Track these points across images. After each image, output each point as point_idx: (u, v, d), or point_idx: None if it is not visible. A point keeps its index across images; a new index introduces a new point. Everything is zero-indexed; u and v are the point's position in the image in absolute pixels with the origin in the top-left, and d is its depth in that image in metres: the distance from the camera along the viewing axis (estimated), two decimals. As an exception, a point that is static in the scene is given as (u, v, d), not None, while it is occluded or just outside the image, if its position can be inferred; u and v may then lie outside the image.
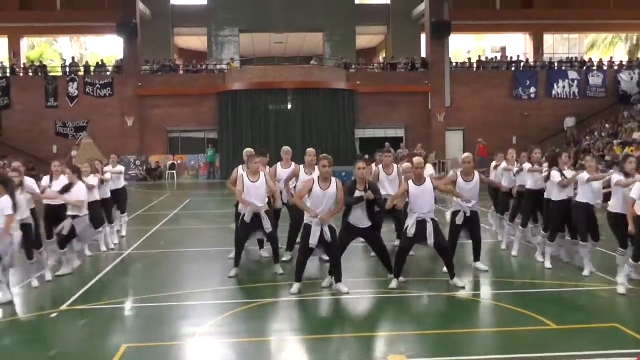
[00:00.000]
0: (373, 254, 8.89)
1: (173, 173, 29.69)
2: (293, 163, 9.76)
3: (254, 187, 8.31)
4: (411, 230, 7.60)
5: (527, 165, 9.84)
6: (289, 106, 29.43)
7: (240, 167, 9.39)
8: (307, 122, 29.36)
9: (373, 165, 10.17)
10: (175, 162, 30.10)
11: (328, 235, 7.37)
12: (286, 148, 9.75)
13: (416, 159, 9.80)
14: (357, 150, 31.05)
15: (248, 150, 9.58)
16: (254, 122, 29.26)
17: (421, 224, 7.59)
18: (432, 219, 7.63)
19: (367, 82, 30.60)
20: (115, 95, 30.07)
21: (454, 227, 8.44)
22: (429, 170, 10.32)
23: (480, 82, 31.19)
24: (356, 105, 30.47)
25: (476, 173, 8.52)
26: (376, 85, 30.50)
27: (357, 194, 7.49)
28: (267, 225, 8.36)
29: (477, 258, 8.67)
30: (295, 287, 7.41)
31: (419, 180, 7.72)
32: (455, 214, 8.44)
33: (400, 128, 31.35)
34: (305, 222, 7.50)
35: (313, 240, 7.31)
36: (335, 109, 29.65)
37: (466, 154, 8.78)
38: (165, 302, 7.36)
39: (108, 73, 31.02)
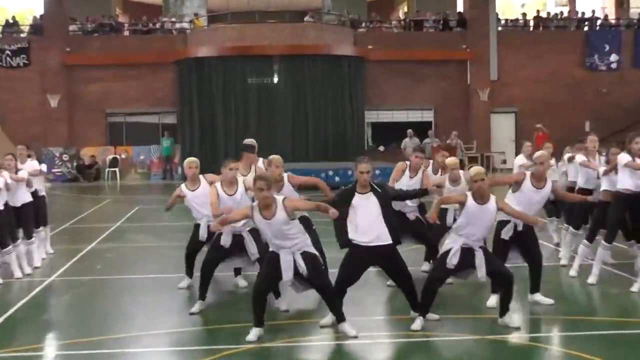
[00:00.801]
0: (390, 282, 8.82)
1: (115, 171, 29.61)
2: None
3: (231, 201, 8.44)
4: (452, 260, 7.58)
5: (623, 157, 9.43)
6: (275, 79, 29.36)
7: (202, 177, 9.44)
8: (299, 100, 29.32)
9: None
10: (118, 157, 30.03)
11: (302, 267, 7.32)
12: (276, 158, 9.22)
13: (450, 160, 9.85)
14: (367, 139, 31.01)
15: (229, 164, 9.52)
16: (226, 101, 29.18)
17: (467, 252, 7.58)
18: (482, 247, 7.64)
19: (381, 46, 30.56)
20: (32, 65, 30.04)
21: (500, 245, 8.42)
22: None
23: (540, 46, 31.22)
24: (367, 78, 30.44)
25: (549, 180, 8.55)
26: (394, 50, 30.46)
27: (356, 199, 7.47)
28: (253, 249, 8.43)
29: (535, 287, 8.63)
30: (254, 333, 7.31)
31: (482, 198, 7.61)
32: (501, 225, 8.39)
33: (428, 110, 31.29)
34: (270, 249, 7.50)
35: (286, 275, 7.32)
36: (338, 83, 29.64)
37: (540, 153, 8.73)
38: (102, 348, 7.31)
39: (22, 35, 30.89)
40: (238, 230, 8.41)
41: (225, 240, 8.39)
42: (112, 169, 29.67)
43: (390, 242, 7.53)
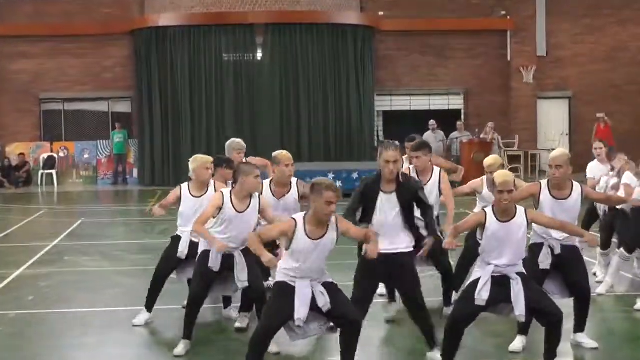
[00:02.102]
0: (388, 314, 8.83)
1: (51, 174, 29.51)
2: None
3: (238, 217, 8.55)
4: (482, 294, 7.48)
5: None
6: (259, 55, 29.34)
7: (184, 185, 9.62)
8: (290, 82, 29.32)
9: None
10: (56, 155, 29.97)
11: (325, 301, 7.22)
12: (284, 154, 9.43)
13: (490, 159, 9.78)
14: (378, 133, 31.00)
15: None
16: (195, 83, 29.14)
17: (500, 282, 7.50)
18: (520, 274, 7.57)
19: (395, 12, 30.56)
20: (-54, 36, 29.98)
21: (535, 274, 8.24)
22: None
23: (600, 14, 31.28)
24: (377, 54, 30.47)
25: (577, 185, 8.38)
26: (412, 17, 30.47)
27: (381, 200, 7.66)
28: (243, 276, 8.51)
29: (580, 327, 8.56)
30: None
31: (505, 214, 7.58)
32: (535, 250, 8.34)
33: (456, 94, 31.32)
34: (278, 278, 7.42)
35: (300, 313, 7.16)
36: (341, 60, 29.65)
37: (558, 153, 8.59)
38: None
39: None
40: (231, 250, 8.48)
41: (215, 263, 8.44)
42: (47, 171, 29.57)
43: (408, 249, 7.69)
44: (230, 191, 8.55)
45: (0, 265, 14.07)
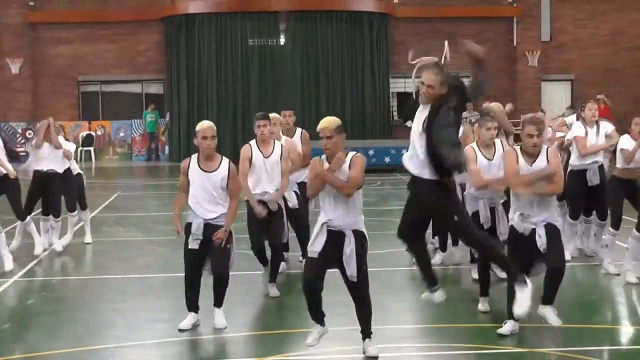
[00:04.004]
0: (425, 294, 8.76)
1: (89, 151, 29.66)
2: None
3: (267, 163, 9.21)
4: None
5: None
6: (282, 40, 29.29)
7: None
8: (311, 65, 29.31)
9: None
10: (93, 134, 30.09)
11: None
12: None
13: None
14: (393, 113, 30.95)
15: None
16: (223, 66, 29.16)
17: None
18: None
19: (409, 0, 30.50)
20: (-10, 23, 30.08)
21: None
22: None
23: (601, 0, 31.05)
24: (392, 38, 30.39)
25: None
26: (425, 5, 30.37)
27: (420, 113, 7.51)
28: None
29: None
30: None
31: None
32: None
33: (465, 77, 31.08)
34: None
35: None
36: (358, 45, 29.62)
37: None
38: None
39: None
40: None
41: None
42: (86, 149, 29.70)
43: (428, 177, 7.17)
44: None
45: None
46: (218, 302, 8.02)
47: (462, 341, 7.69)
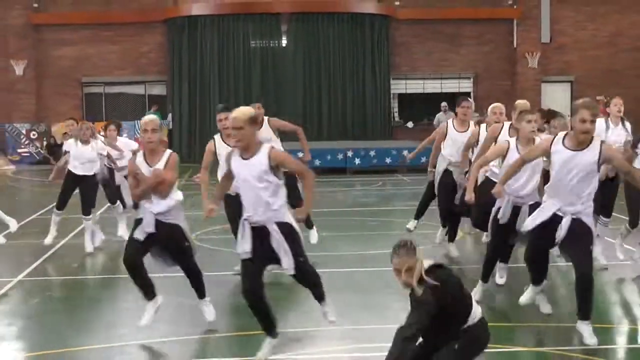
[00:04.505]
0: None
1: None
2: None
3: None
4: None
5: None
6: (284, 41, 29.29)
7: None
8: (312, 67, 29.32)
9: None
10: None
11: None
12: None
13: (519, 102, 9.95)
14: (393, 114, 30.97)
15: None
16: (225, 67, 29.19)
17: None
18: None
19: (411, 2, 30.43)
20: (-6, 24, 30.08)
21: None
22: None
23: (601, 2, 31.03)
24: (393, 40, 30.37)
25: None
26: (426, 7, 30.33)
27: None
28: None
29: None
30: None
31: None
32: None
33: (466, 78, 31.18)
34: None
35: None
36: (359, 47, 29.61)
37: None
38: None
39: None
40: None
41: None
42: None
43: None
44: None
45: (47, 234, 14.15)
46: (200, 294, 8.05)
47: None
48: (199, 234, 12.92)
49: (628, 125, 10.89)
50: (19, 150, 29.33)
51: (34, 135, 29.79)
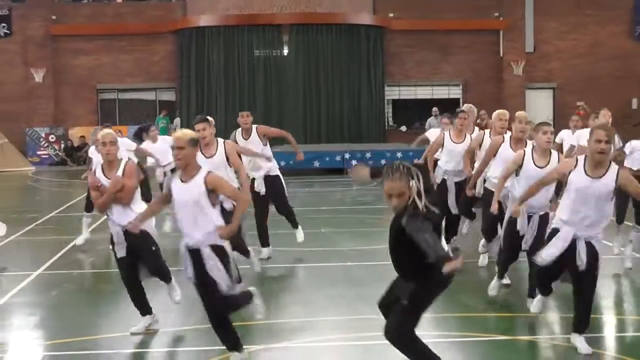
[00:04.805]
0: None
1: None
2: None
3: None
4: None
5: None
6: (285, 51, 29.28)
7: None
8: (312, 74, 29.28)
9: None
10: (111, 137, 30.03)
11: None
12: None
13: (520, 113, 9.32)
14: (387, 119, 30.96)
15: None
16: (229, 75, 29.17)
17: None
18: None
19: (404, 13, 30.40)
20: (14, 35, 30.06)
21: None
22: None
23: (582, 14, 31.02)
24: (387, 49, 30.35)
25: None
26: (418, 18, 30.31)
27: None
28: None
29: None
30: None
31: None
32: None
33: (456, 85, 31.16)
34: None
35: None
36: (356, 56, 29.56)
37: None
38: (92, 349, 7.44)
39: (2, 1, 30.86)
40: None
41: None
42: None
43: None
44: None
45: (64, 231, 14.15)
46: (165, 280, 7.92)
47: (455, 330, 7.69)
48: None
49: (616, 135, 10.68)
50: (39, 153, 29.37)
51: (52, 138, 29.79)
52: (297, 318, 8.29)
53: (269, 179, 10.80)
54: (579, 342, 6.81)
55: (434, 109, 27.81)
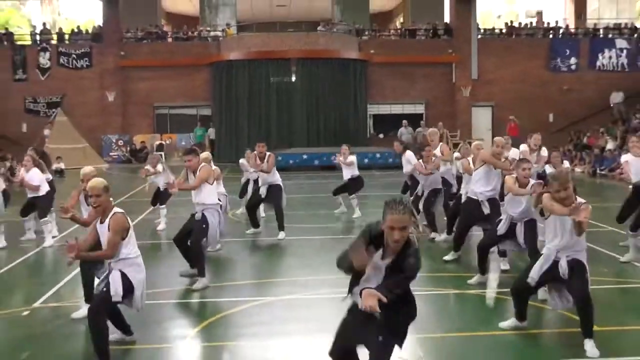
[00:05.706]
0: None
1: (161, 154, 29.64)
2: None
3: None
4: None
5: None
6: (293, 78, 29.31)
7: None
8: (313, 95, 29.25)
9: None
10: (164, 142, 30.11)
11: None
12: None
13: (497, 139, 8.82)
14: (369, 129, 30.98)
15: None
16: (252, 96, 29.18)
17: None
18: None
19: (381, 51, 30.41)
20: (93, 67, 30.04)
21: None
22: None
23: (512, 51, 30.96)
24: (369, 77, 30.33)
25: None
26: (392, 54, 30.31)
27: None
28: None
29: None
30: None
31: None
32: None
33: (420, 104, 31.17)
34: None
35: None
36: (345, 81, 29.54)
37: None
38: (152, 299, 7.38)
39: (85, 41, 30.94)
40: None
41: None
42: (159, 153, 29.70)
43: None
44: None
45: (128, 212, 14.07)
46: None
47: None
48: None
49: (544, 150, 10.35)
50: (111, 154, 29.41)
51: (121, 143, 29.84)
52: (302, 277, 8.26)
53: (271, 188, 10.93)
54: (588, 346, 5.64)
55: (404, 121, 27.99)
